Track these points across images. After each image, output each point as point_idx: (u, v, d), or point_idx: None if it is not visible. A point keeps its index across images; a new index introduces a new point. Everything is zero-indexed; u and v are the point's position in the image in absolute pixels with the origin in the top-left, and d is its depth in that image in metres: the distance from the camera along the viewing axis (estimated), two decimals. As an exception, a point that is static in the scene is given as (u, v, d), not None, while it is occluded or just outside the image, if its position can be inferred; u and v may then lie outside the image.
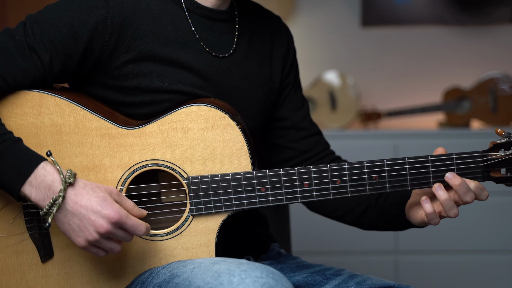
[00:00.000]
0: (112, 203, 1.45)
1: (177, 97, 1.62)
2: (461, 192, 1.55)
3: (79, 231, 1.45)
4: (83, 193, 1.45)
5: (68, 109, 1.54)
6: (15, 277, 1.56)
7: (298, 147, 1.86)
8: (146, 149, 1.56)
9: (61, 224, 1.47)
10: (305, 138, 1.86)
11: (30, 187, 1.44)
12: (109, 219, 1.43)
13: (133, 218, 1.46)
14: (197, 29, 1.67)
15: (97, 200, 1.44)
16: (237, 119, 1.59)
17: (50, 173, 1.44)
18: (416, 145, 3.47)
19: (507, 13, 3.98)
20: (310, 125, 1.89)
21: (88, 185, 1.46)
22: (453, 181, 1.55)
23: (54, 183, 1.44)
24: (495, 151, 1.58)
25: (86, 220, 1.44)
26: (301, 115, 1.87)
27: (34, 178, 1.44)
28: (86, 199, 1.44)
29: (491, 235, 3.49)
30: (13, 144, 1.46)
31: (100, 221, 1.43)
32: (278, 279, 1.38)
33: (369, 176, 1.57)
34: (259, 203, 1.57)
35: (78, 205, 1.44)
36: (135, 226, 1.46)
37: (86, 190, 1.45)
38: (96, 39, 1.56)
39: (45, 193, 1.44)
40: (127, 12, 1.59)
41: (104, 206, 1.44)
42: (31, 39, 1.52)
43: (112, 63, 1.59)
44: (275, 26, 1.86)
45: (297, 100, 1.88)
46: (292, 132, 1.86)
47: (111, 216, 1.43)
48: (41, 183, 1.44)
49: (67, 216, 1.45)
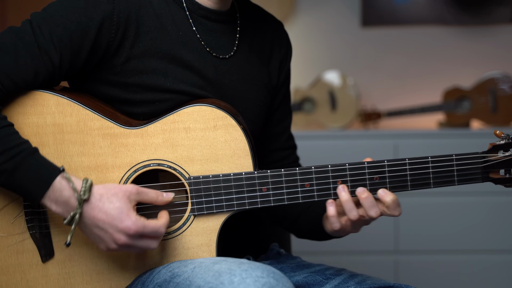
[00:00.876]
0: (129, 213, 1.45)
1: (178, 97, 1.62)
2: (366, 206, 1.56)
3: (100, 240, 1.48)
4: (99, 206, 1.45)
5: (70, 108, 1.54)
6: (15, 276, 1.56)
7: (270, 156, 1.89)
8: (148, 149, 1.56)
9: (84, 232, 1.49)
10: (278, 150, 1.89)
11: (49, 201, 1.45)
12: (126, 233, 1.44)
13: (151, 224, 1.47)
14: (198, 29, 1.67)
15: (113, 213, 1.44)
16: (239, 120, 1.59)
17: (66, 189, 1.45)
18: (416, 145, 3.47)
19: (507, 13, 3.98)
20: (287, 138, 1.91)
21: (104, 196, 1.46)
22: (360, 194, 1.56)
23: (71, 199, 1.45)
24: (494, 152, 1.59)
25: (104, 232, 1.46)
26: (281, 127, 1.89)
27: (52, 193, 1.45)
28: (103, 213, 1.45)
29: (491, 235, 3.49)
30: (29, 155, 1.45)
31: (117, 234, 1.45)
32: (279, 279, 1.38)
33: (369, 177, 1.57)
34: (261, 203, 1.57)
35: (96, 219, 1.45)
36: (154, 231, 1.48)
37: (102, 202, 1.45)
38: (103, 34, 1.56)
39: (64, 208, 1.46)
40: (132, 7, 1.59)
41: (121, 219, 1.44)
42: (41, 39, 1.51)
43: (116, 58, 1.59)
44: (276, 31, 1.86)
45: (283, 111, 1.90)
46: (269, 142, 1.88)
47: (128, 230, 1.44)
48: (59, 198, 1.45)
49: (87, 227, 1.47)
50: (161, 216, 1.52)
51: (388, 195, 1.55)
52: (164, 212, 1.53)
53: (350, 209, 1.56)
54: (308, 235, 1.84)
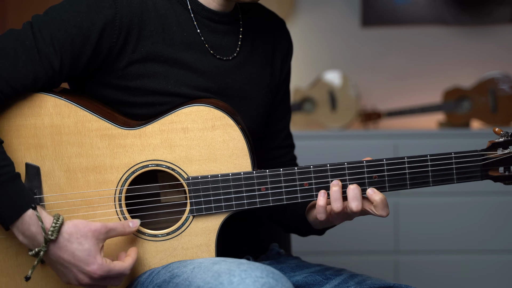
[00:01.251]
0: (96, 257, 1.45)
1: (179, 100, 1.61)
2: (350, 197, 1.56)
3: (63, 275, 1.49)
4: (67, 246, 1.45)
5: (67, 110, 1.54)
6: (15, 278, 1.56)
7: (267, 154, 1.88)
8: (146, 150, 1.56)
9: (49, 264, 1.50)
10: (275, 149, 1.89)
11: (17, 231, 1.46)
12: (91, 276, 1.45)
13: (117, 267, 1.47)
14: (202, 31, 1.67)
15: (80, 255, 1.44)
16: (237, 119, 1.59)
17: (34, 224, 1.44)
18: (416, 145, 3.47)
19: (507, 13, 3.98)
20: (285, 137, 1.91)
21: (73, 236, 1.45)
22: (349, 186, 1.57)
23: (37, 236, 1.45)
24: (493, 150, 1.58)
25: (68, 270, 1.46)
26: (280, 125, 1.89)
27: (21, 224, 1.45)
28: (69, 253, 1.45)
29: (491, 235, 3.49)
30: (8, 181, 1.46)
31: (81, 275, 1.46)
32: (278, 279, 1.38)
33: (368, 176, 1.57)
34: (259, 203, 1.57)
35: (61, 258, 1.45)
36: (119, 274, 1.48)
37: (70, 242, 1.45)
38: (105, 39, 1.56)
39: (30, 242, 1.46)
40: (134, 11, 1.58)
41: (87, 262, 1.44)
42: (41, 43, 1.51)
43: (118, 63, 1.59)
44: (278, 29, 1.86)
45: (282, 110, 1.90)
46: (267, 140, 1.88)
47: (93, 273, 1.45)
48: (26, 231, 1.45)
49: (52, 260, 1.47)
50: (129, 255, 1.52)
51: (377, 194, 1.55)
52: (133, 251, 1.54)
53: (336, 199, 1.56)
54: (293, 227, 1.84)
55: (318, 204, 1.58)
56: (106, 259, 1.47)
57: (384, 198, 1.56)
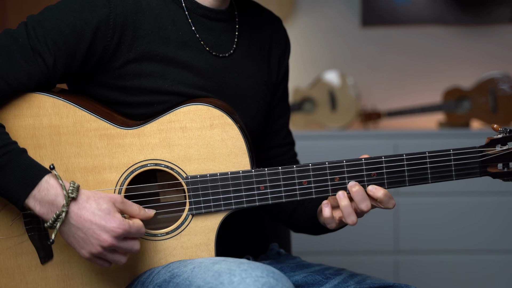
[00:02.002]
0: (115, 215, 1.45)
1: (176, 98, 1.61)
2: (357, 199, 1.56)
3: (83, 243, 1.46)
4: (86, 207, 1.44)
5: (66, 110, 1.54)
6: (15, 279, 1.56)
7: (269, 152, 1.89)
8: (145, 149, 1.56)
9: (66, 237, 1.47)
10: (276, 147, 1.89)
11: (34, 201, 1.44)
12: (113, 233, 1.44)
13: (136, 226, 1.47)
14: (197, 28, 1.67)
15: (101, 214, 1.44)
16: (235, 118, 1.59)
17: (53, 187, 1.44)
18: (416, 145, 3.47)
19: (507, 13, 3.98)
20: (285, 134, 1.91)
21: (91, 198, 1.45)
22: (351, 187, 1.57)
23: (57, 197, 1.44)
24: (492, 146, 1.58)
25: (90, 234, 1.44)
26: (280, 123, 1.90)
27: (38, 192, 1.44)
28: (90, 213, 1.44)
29: (491, 235, 3.49)
30: (17, 155, 1.45)
31: (104, 235, 1.44)
32: (278, 279, 1.38)
33: (367, 173, 1.57)
34: (258, 202, 1.57)
35: (82, 219, 1.44)
36: (138, 230, 1.48)
37: (89, 203, 1.45)
38: (99, 38, 1.56)
39: (49, 208, 1.44)
40: (128, 11, 1.58)
41: (108, 220, 1.44)
42: (34, 41, 1.51)
43: (114, 62, 1.59)
44: (274, 27, 1.86)
45: (282, 107, 1.90)
46: (268, 139, 1.88)
47: (115, 230, 1.44)
48: (45, 197, 1.44)
49: (71, 230, 1.45)
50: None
51: (379, 190, 1.56)
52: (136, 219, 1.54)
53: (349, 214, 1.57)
54: (304, 228, 1.84)
55: (325, 216, 1.59)
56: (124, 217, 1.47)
57: (386, 192, 1.56)
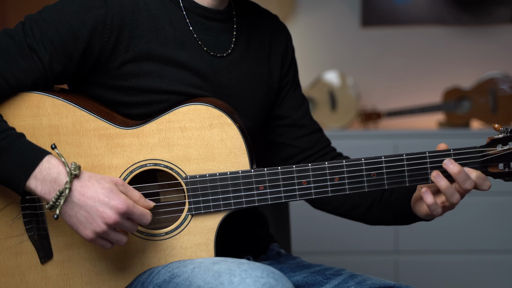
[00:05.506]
0: (119, 193, 1.45)
1: (175, 97, 1.62)
2: (460, 180, 1.54)
3: (86, 223, 1.45)
4: (89, 185, 1.44)
5: (65, 110, 1.54)
6: (15, 278, 1.56)
7: (300, 144, 1.86)
8: (144, 149, 1.56)
9: (68, 217, 1.46)
10: (306, 136, 1.87)
11: (35, 181, 1.44)
12: (117, 210, 1.43)
13: (139, 207, 1.47)
14: (195, 28, 1.67)
15: (104, 192, 1.44)
16: (235, 118, 1.59)
17: (55, 166, 1.44)
18: (416, 145, 3.47)
19: (507, 13, 3.98)
20: (310, 122, 1.89)
21: (93, 177, 1.46)
22: (452, 168, 1.54)
23: (60, 175, 1.44)
24: (493, 146, 1.58)
25: (94, 211, 1.44)
26: (301, 112, 1.87)
27: (39, 172, 1.44)
28: (93, 191, 1.44)
29: (491, 235, 3.49)
30: (16, 139, 1.46)
31: (108, 212, 1.43)
32: (278, 279, 1.38)
33: (367, 173, 1.57)
34: (258, 202, 1.57)
35: (85, 196, 1.44)
36: (142, 215, 1.47)
37: (91, 182, 1.45)
38: (96, 39, 1.56)
39: (51, 186, 1.44)
40: (126, 11, 1.58)
41: (111, 197, 1.44)
42: (31, 39, 1.52)
43: (111, 63, 1.59)
44: (273, 26, 1.86)
45: (297, 98, 1.88)
46: (293, 130, 1.86)
47: (119, 207, 1.44)
48: (46, 176, 1.44)
49: (74, 209, 1.45)
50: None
51: (472, 172, 1.55)
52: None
53: (452, 194, 1.55)
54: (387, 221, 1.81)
55: (429, 203, 1.56)
56: None
57: (480, 174, 1.55)
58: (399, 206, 1.73)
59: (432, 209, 1.58)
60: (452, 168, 1.54)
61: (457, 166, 1.54)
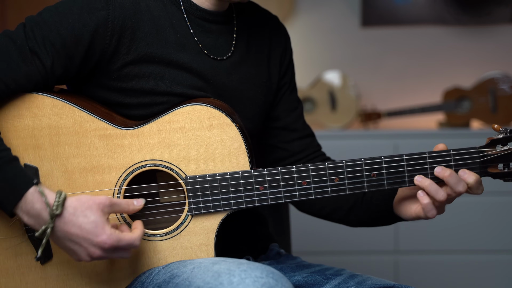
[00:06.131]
0: (104, 227, 1.44)
1: (176, 99, 1.61)
2: (452, 183, 1.55)
3: (73, 253, 1.46)
4: (73, 220, 1.43)
5: (65, 110, 1.54)
6: (15, 279, 1.56)
7: (290, 148, 1.87)
8: (144, 150, 1.56)
9: (58, 245, 1.47)
10: (297, 140, 1.87)
11: (21, 212, 1.44)
12: (101, 247, 1.43)
13: (126, 237, 1.46)
14: (195, 31, 1.67)
15: (88, 228, 1.43)
16: (235, 118, 1.59)
17: (38, 201, 1.42)
18: (416, 145, 3.46)
19: (507, 13, 3.98)
20: (303, 126, 1.90)
21: (78, 210, 1.44)
22: (442, 173, 1.56)
23: (42, 212, 1.43)
24: (492, 146, 1.58)
25: (78, 246, 1.44)
26: (295, 116, 1.88)
27: (24, 204, 1.43)
28: (77, 227, 1.43)
29: (491, 235, 3.49)
30: (8, 163, 1.45)
31: (92, 249, 1.44)
32: (278, 279, 1.38)
33: (367, 174, 1.57)
34: (258, 202, 1.57)
35: (69, 233, 1.43)
36: (129, 245, 1.47)
37: (76, 216, 1.43)
38: (97, 41, 1.56)
39: (35, 221, 1.44)
40: (127, 13, 1.58)
41: (95, 233, 1.43)
42: (32, 42, 1.51)
43: (112, 64, 1.59)
44: (273, 26, 1.86)
45: (292, 101, 1.89)
46: (285, 133, 1.87)
47: (103, 244, 1.43)
48: (31, 210, 1.43)
49: (60, 240, 1.45)
50: (135, 227, 1.51)
51: (470, 176, 1.56)
52: (139, 223, 1.52)
53: (437, 190, 1.55)
54: (367, 222, 1.83)
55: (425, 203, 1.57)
56: (114, 229, 1.45)
57: (478, 178, 1.56)
58: (381, 206, 1.74)
59: (427, 210, 1.58)
60: (442, 172, 1.56)
61: (448, 170, 1.56)
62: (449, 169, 1.55)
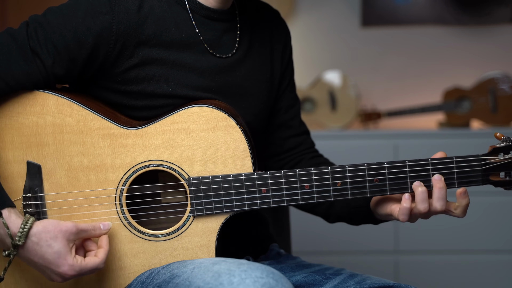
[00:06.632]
0: (66, 258, 1.46)
1: (180, 101, 1.61)
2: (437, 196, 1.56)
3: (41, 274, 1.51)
4: (36, 250, 1.45)
5: (70, 108, 1.55)
6: (15, 276, 1.56)
7: (286, 144, 1.88)
8: (148, 150, 1.56)
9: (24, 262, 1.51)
10: (292, 137, 1.89)
11: None
12: (63, 277, 1.47)
13: (89, 265, 1.48)
14: (201, 30, 1.66)
15: (50, 258, 1.45)
16: (239, 121, 1.59)
17: (2, 228, 1.45)
18: (416, 145, 3.47)
19: (507, 13, 3.98)
20: (299, 124, 1.91)
21: (43, 239, 1.45)
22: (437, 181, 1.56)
23: (6, 239, 1.45)
24: (495, 155, 1.58)
25: (42, 271, 1.48)
26: (292, 113, 1.89)
27: None
28: (39, 257, 1.45)
29: (491, 235, 3.49)
30: None
31: (54, 276, 1.47)
32: (278, 279, 1.38)
33: (369, 179, 1.57)
34: (260, 205, 1.57)
35: (32, 261, 1.47)
36: (92, 270, 1.49)
37: (39, 246, 1.45)
38: (101, 45, 1.56)
39: (1, 244, 1.47)
40: (131, 18, 1.58)
41: (57, 264, 1.45)
42: (34, 42, 1.52)
43: (116, 68, 1.59)
44: (274, 22, 1.87)
45: (290, 98, 1.90)
46: (281, 130, 1.88)
47: (64, 274, 1.46)
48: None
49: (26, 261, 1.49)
50: (101, 246, 1.52)
51: (467, 199, 1.57)
52: (104, 241, 1.53)
53: (423, 200, 1.55)
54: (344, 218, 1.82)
55: (403, 206, 1.57)
56: (77, 258, 1.47)
57: (468, 203, 1.57)
58: (359, 202, 1.74)
59: (401, 212, 1.58)
60: (438, 181, 1.56)
61: (442, 182, 1.56)
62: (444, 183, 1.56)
